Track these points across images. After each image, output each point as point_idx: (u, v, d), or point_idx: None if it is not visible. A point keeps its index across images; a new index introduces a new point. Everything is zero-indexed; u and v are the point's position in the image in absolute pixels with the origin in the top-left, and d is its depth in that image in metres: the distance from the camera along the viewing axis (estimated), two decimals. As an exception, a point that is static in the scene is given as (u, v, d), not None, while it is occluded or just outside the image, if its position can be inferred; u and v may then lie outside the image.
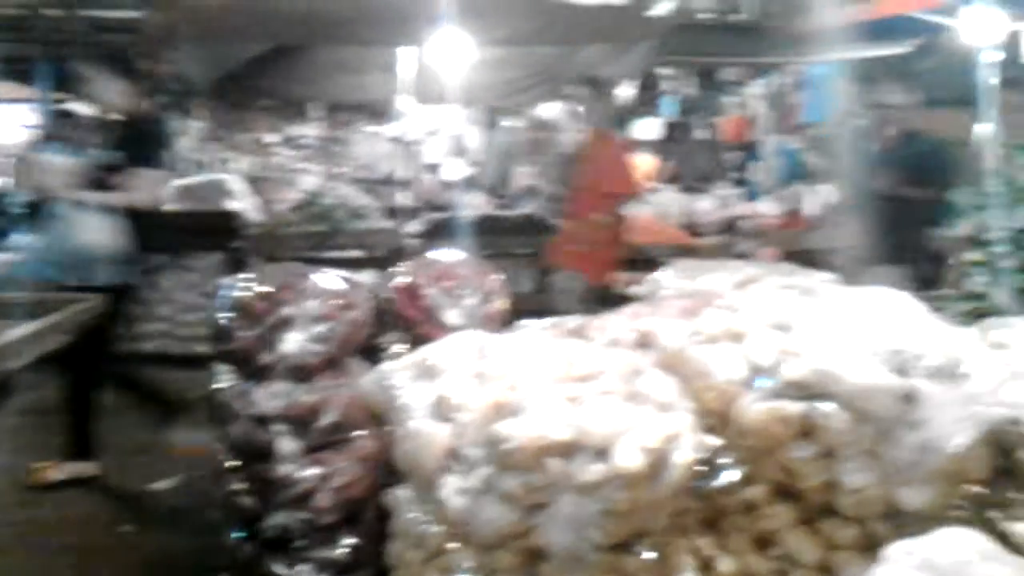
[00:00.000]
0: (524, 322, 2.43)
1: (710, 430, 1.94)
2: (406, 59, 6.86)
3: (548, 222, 8.93)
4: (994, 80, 3.56)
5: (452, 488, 1.83)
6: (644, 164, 11.61)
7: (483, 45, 5.49)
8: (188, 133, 8.21)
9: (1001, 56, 3.70)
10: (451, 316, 2.62)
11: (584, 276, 5.86)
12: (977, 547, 1.49)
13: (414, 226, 6.82)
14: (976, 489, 1.81)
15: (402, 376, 2.09)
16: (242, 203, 6.69)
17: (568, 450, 1.74)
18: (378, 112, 8.72)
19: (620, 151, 6.73)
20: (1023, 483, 1.81)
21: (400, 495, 2.04)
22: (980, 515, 1.79)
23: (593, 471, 1.71)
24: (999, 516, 1.81)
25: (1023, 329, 2.01)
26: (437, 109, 8.41)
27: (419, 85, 7.00)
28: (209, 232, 6.00)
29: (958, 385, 1.79)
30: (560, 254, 5.90)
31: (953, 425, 1.73)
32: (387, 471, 2.14)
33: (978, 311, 2.65)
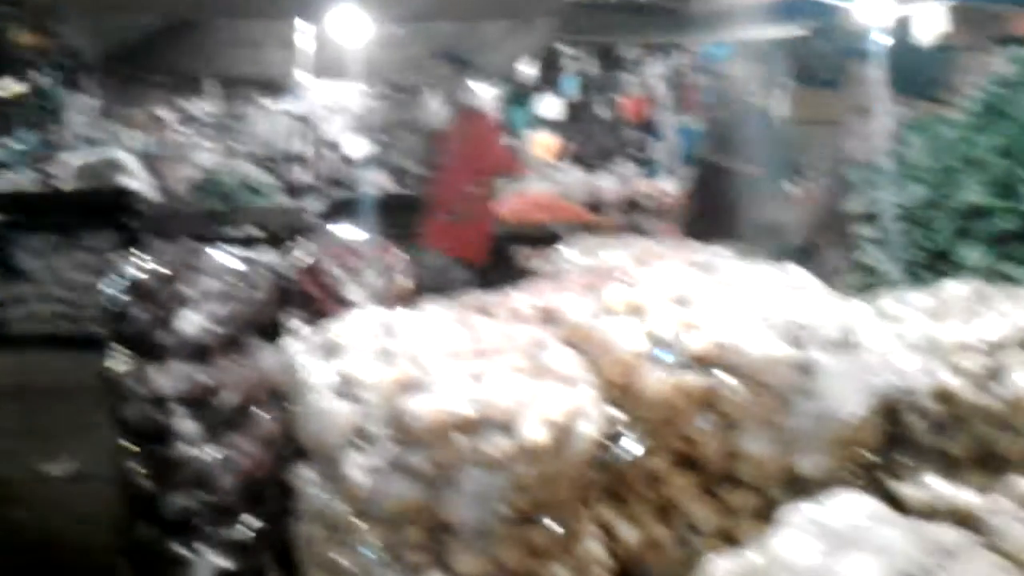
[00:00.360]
0: (428, 299, 2.42)
1: (613, 403, 1.97)
2: (304, 34, 6.75)
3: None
4: (883, 62, 3.67)
5: (357, 465, 1.82)
6: (545, 142, 11.65)
7: (382, 21, 5.42)
8: (79, 109, 7.94)
9: (890, 39, 3.81)
10: (354, 294, 2.59)
11: (455, 256, 5.86)
12: (869, 510, 1.54)
13: (315, 204, 6.72)
14: (868, 455, 1.87)
15: (304, 354, 2.06)
16: (137, 180, 6.50)
17: (473, 425, 1.74)
18: (277, 88, 8.56)
19: (491, 129, 6.73)
20: (912, 448, 1.88)
21: (304, 474, 2.02)
22: (872, 479, 1.86)
23: (498, 446, 1.72)
24: (890, 480, 1.87)
25: (913, 301, 2.08)
26: (337, 85, 8.29)
27: (318, 60, 6.89)
28: (103, 211, 5.83)
29: (852, 356, 1.84)
30: (431, 234, 5.87)
31: (847, 394, 1.79)
32: (290, 450, 2.11)
33: (870, 284, 2.73)
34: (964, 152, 2.72)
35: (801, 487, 1.81)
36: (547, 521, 1.77)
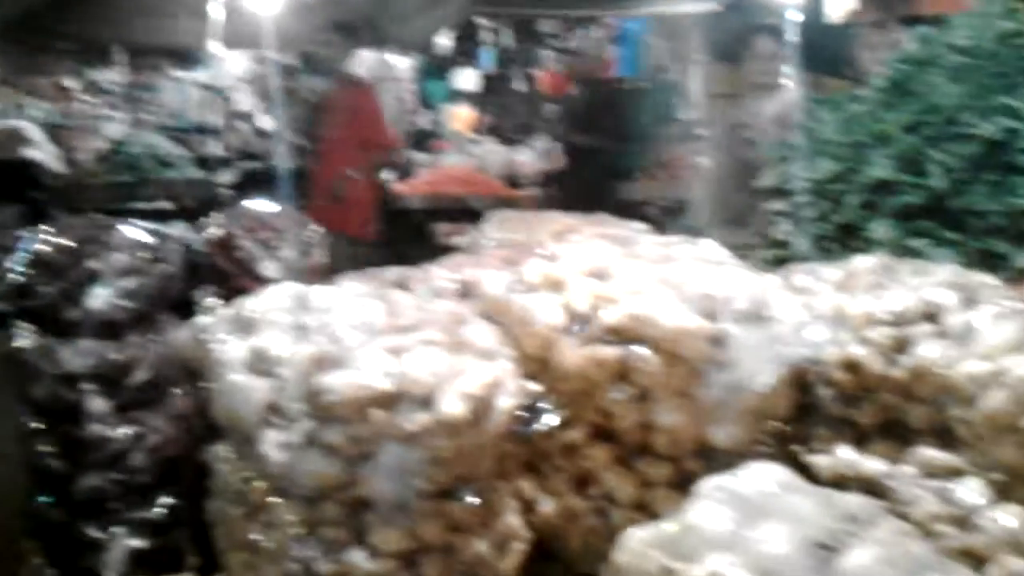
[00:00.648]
0: (345, 273, 2.40)
1: (531, 376, 1.98)
2: (215, 2, 6.59)
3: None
4: (794, 38, 3.72)
5: (273, 442, 1.80)
6: (463, 116, 11.59)
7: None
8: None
9: (801, 16, 3.87)
10: (268, 268, 2.56)
11: (337, 231, 5.83)
12: (780, 479, 1.58)
13: (227, 176, 6.60)
14: (779, 425, 1.92)
15: (218, 330, 2.02)
16: (41, 152, 6.30)
17: (391, 400, 1.73)
18: (186, 57, 8.35)
19: (372, 102, 6.69)
20: (822, 419, 1.93)
21: (219, 452, 2.00)
22: (784, 449, 1.90)
23: (416, 420, 1.72)
24: (801, 450, 1.92)
25: (822, 274, 2.13)
26: (249, 55, 8.12)
27: (229, 30, 6.74)
28: (6, 183, 5.65)
29: (763, 328, 1.87)
30: (312, 208, 5.83)
31: (759, 365, 1.82)
32: (204, 428, 2.08)
33: (781, 258, 2.78)
34: (872, 128, 2.79)
35: (715, 458, 1.85)
36: (466, 495, 1.78)
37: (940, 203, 2.61)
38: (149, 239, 2.45)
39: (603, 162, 6.79)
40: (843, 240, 2.72)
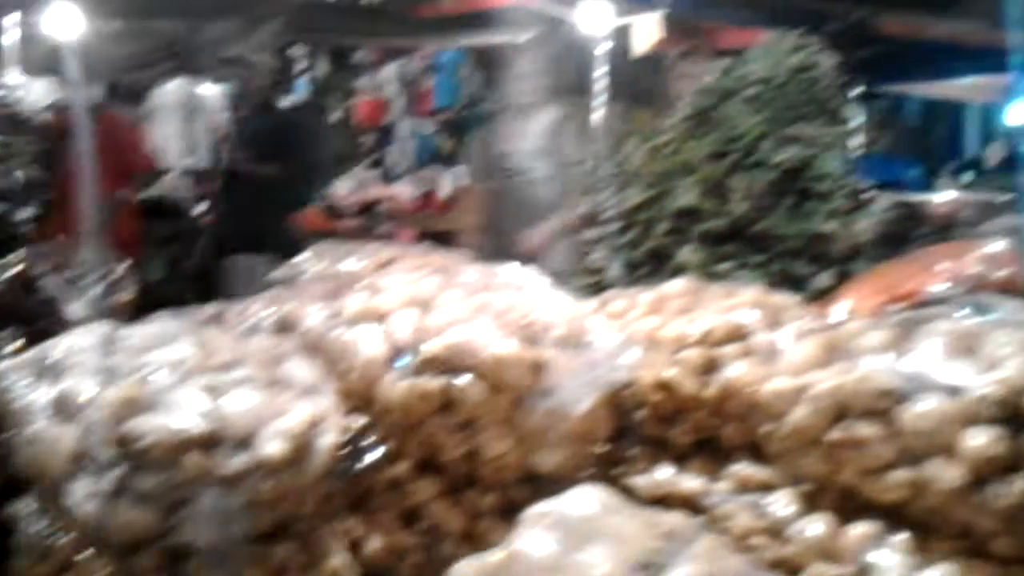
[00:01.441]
0: (158, 311, 2.31)
1: (354, 411, 1.95)
2: (9, 26, 6.27)
3: (183, 205, 8.52)
4: (605, 70, 3.85)
5: (81, 492, 1.70)
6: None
7: (96, 16, 5.10)
8: None
9: (610, 47, 4.00)
10: (73, 308, 2.43)
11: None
12: (603, 502, 1.61)
13: (28, 210, 6.25)
14: (601, 448, 1.96)
15: (19, 375, 1.91)
16: None
17: (207, 443, 1.67)
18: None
19: (128, 128, 6.61)
20: (641, 440, 1.99)
21: (21, 507, 1.87)
22: (606, 472, 1.94)
23: (234, 463, 1.66)
24: (623, 471, 1.97)
25: (636, 299, 2.19)
26: (51, 82, 7.76)
27: (25, 56, 6.42)
28: None
29: (582, 353, 1.91)
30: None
31: (578, 391, 1.86)
32: (5, 483, 1.95)
33: (597, 284, 2.86)
34: (677, 158, 2.91)
35: (541, 484, 1.87)
36: (289, 537, 1.74)
37: (743, 228, 2.75)
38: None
39: (264, 191, 6.66)
40: (654, 265, 2.83)
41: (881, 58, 12.40)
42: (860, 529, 1.65)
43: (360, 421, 1.97)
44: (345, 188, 9.46)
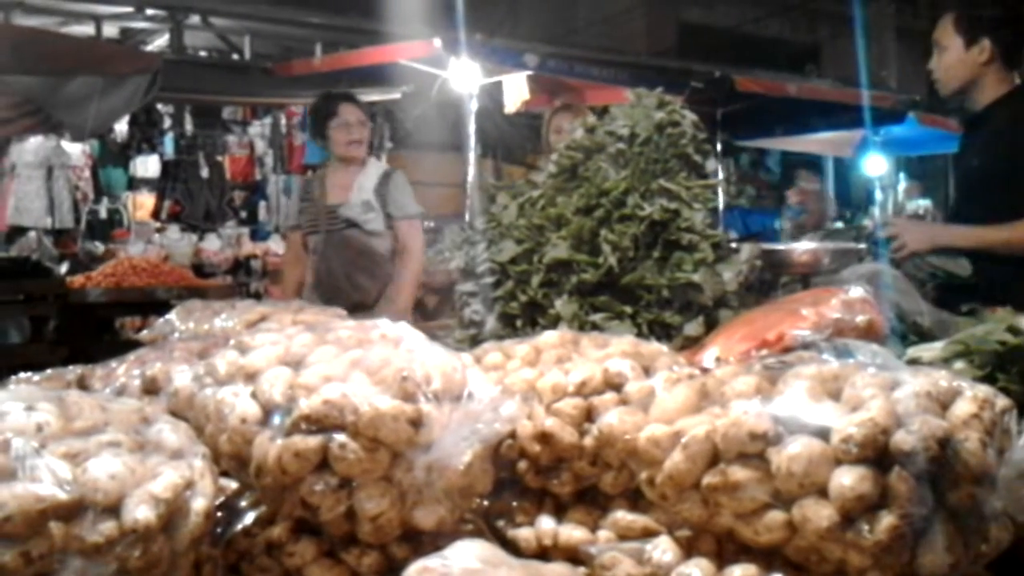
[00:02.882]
0: (17, 376, 2.21)
1: (227, 474, 1.90)
2: None
3: (44, 265, 8.22)
4: (474, 126, 3.90)
5: (-69, 571, 1.60)
6: (145, 204, 11.14)
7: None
8: None
9: (477, 105, 4.07)
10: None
11: None
12: (485, 555, 1.60)
13: None
14: (481, 501, 1.95)
15: None
16: None
17: (71, 511, 1.60)
18: None
19: None
20: (523, 492, 1.99)
21: None
22: (489, 525, 1.93)
23: (101, 530, 1.59)
24: (505, 524, 1.96)
25: (512, 351, 2.21)
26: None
27: None
28: None
29: (460, 407, 1.91)
30: None
31: (458, 444, 1.85)
32: None
33: (474, 337, 2.86)
34: (548, 212, 2.95)
35: (422, 541, 1.84)
36: (160, 607, 1.67)
37: (614, 279, 2.80)
38: None
39: None
40: (530, 317, 2.85)
41: (741, 114, 12.93)
42: (738, 572, 1.68)
43: (233, 484, 1.92)
44: (216, 244, 9.28)
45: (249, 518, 1.89)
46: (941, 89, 4.24)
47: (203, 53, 11.63)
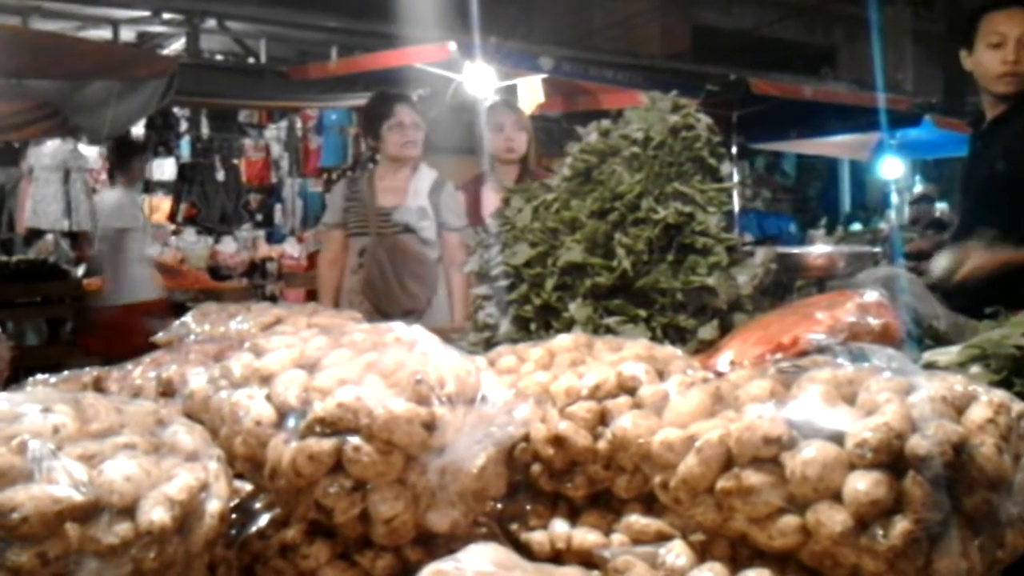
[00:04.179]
0: (34, 377, 2.23)
1: (241, 476, 1.90)
2: None
3: (61, 267, 8.28)
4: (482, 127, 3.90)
5: (-52, 572, 1.61)
6: (162, 207, 11.19)
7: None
8: None
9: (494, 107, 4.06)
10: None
11: None
12: (498, 559, 1.60)
13: None
14: (495, 504, 1.95)
15: None
16: None
17: (87, 512, 1.61)
18: None
19: None
20: (536, 495, 1.99)
21: None
22: (502, 528, 1.93)
23: (117, 532, 1.60)
24: (518, 527, 1.96)
25: (526, 354, 2.21)
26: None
27: None
28: None
29: (474, 410, 1.91)
30: None
31: (472, 447, 1.85)
32: None
33: (488, 340, 2.86)
34: (563, 215, 2.95)
35: (436, 543, 1.85)
36: (174, 608, 1.67)
37: (628, 282, 2.80)
38: None
39: None
40: (544, 320, 2.85)
41: (757, 117, 12.89)
42: (752, 576, 1.67)
43: (247, 486, 1.92)
44: (232, 247, 9.32)
45: (263, 520, 1.90)
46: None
47: (219, 57, 11.69)
